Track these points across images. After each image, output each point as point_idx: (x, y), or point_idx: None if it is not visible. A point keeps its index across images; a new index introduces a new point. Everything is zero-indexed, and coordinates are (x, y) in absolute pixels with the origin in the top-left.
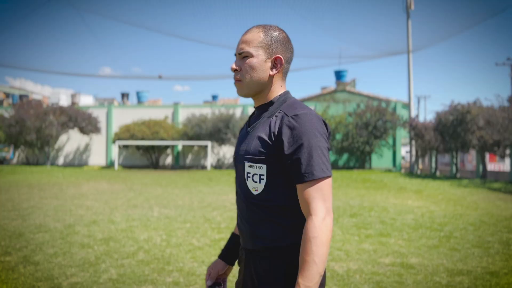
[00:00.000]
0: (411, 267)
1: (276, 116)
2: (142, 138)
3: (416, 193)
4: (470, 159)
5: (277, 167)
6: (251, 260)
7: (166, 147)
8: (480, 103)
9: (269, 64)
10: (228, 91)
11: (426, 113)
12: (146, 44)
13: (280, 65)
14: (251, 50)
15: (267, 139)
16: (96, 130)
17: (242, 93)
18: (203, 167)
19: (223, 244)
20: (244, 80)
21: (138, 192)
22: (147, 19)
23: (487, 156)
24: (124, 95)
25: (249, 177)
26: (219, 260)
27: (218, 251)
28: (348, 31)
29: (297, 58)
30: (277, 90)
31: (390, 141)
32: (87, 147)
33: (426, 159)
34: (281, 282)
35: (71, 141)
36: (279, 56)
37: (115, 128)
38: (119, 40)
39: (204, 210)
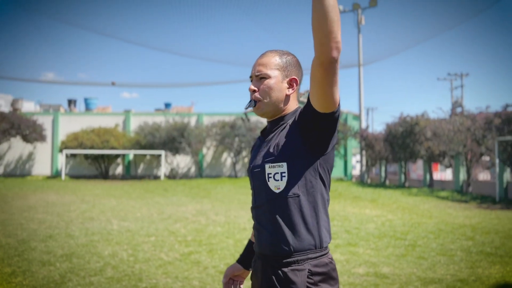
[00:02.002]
0: (385, 277)
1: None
2: (92, 147)
3: (371, 202)
4: (415, 169)
5: (297, 164)
6: (268, 267)
7: (117, 156)
8: (427, 115)
9: (285, 85)
10: (181, 99)
11: (373, 125)
12: (94, 49)
13: (296, 84)
14: (269, 72)
15: (285, 138)
16: (41, 138)
17: (261, 112)
18: (156, 177)
19: (194, 258)
20: (263, 100)
21: (91, 204)
22: (97, 22)
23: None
24: (71, 102)
25: (270, 177)
26: (236, 263)
27: (189, 266)
28: (300, 43)
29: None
30: (292, 107)
31: (342, 151)
32: (30, 156)
33: (373, 168)
34: (302, 284)
35: (12, 149)
36: (295, 77)
37: (61, 136)
38: (64, 43)
39: (166, 222)
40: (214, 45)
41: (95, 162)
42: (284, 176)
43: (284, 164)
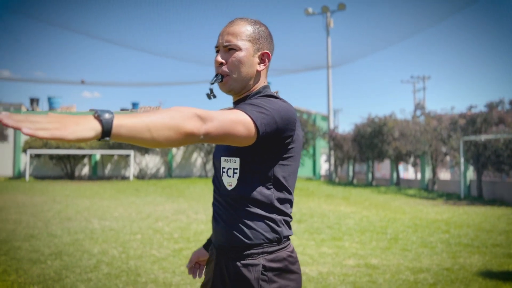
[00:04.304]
0: (375, 267)
1: None
2: (57, 147)
3: (344, 200)
4: (379, 168)
5: (251, 160)
6: (222, 259)
7: (83, 156)
8: (395, 116)
9: (257, 59)
10: (148, 99)
11: (340, 125)
12: (53, 45)
13: (267, 60)
14: (239, 43)
15: None
16: (2, 137)
17: (228, 88)
18: (124, 178)
19: (186, 253)
20: (231, 74)
21: (64, 204)
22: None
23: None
24: (34, 101)
25: (224, 172)
26: (202, 248)
27: (184, 261)
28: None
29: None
30: (259, 85)
31: (311, 150)
32: None
33: (339, 168)
34: (255, 281)
35: None
36: (267, 51)
37: (24, 136)
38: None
39: (147, 221)
40: (183, 44)
41: (61, 163)
42: (236, 173)
43: (237, 159)
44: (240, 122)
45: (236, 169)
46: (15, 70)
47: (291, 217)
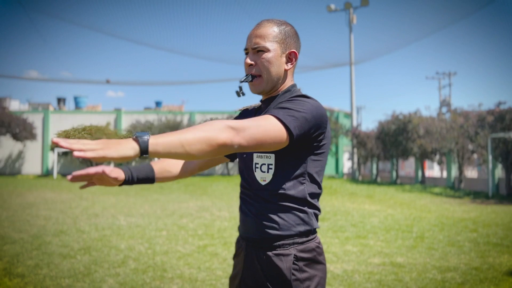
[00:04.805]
0: (401, 266)
1: None
2: None
3: (368, 198)
4: (403, 166)
5: (285, 156)
6: (253, 250)
7: None
8: (420, 113)
9: (284, 59)
10: (171, 98)
11: (363, 122)
12: (80, 45)
13: (295, 59)
14: (267, 44)
15: None
16: (32, 136)
17: (259, 89)
18: None
19: (211, 250)
20: (262, 75)
21: (91, 201)
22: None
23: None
24: (61, 100)
25: (257, 167)
26: (121, 170)
27: (209, 257)
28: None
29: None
30: (288, 84)
31: (334, 148)
32: (20, 155)
33: (362, 166)
34: (287, 270)
35: (2, 148)
36: (294, 50)
37: (52, 135)
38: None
39: (172, 218)
40: (206, 43)
41: (87, 161)
42: (271, 169)
43: (272, 156)
44: (272, 129)
45: (271, 165)
46: (43, 70)
47: (320, 211)
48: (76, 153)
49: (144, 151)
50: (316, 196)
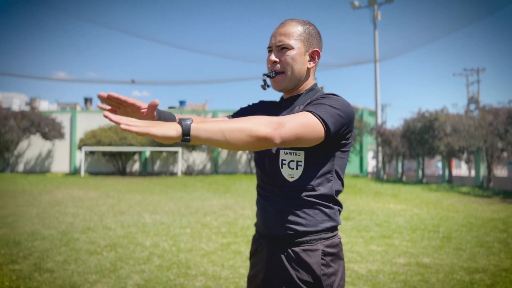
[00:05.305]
0: (428, 267)
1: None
2: (109, 144)
3: (394, 197)
4: (429, 165)
5: (315, 153)
6: (278, 247)
7: (134, 153)
8: (447, 110)
9: (307, 57)
10: (194, 97)
11: (388, 120)
12: (105, 46)
13: (317, 58)
14: (291, 42)
15: None
16: (60, 135)
17: (282, 86)
18: (172, 174)
19: (234, 248)
20: (286, 72)
21: (117, 199)
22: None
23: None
24: (87, 100)
25: (285, 164)
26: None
27: (232, 255)
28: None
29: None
30: (310, 82)
31: (358, 147)
32: (49, 154)
33: (387, 165)
34: (316, 265)
35: (32, 147)
36: (317, 49)
37: (79, 134)
38: (74, 41)
39: (196, 215)
40: (229, 42)
41: (113, 159)
42: (300, 165)
43: (302, 153)
44: (311, 124)
45: (301, 161)
46: (70, 71)
47: (342, 207)
48: (123, 126)
49: (186, 134)
50: (340, 192)
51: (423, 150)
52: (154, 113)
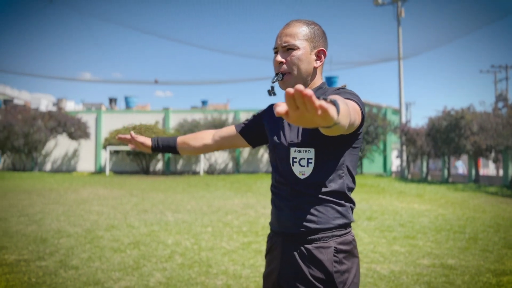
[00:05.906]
0: (453, 268)
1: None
2: None
3: (418, 197)
4: (453, 164)
5: (325, 150)
6: (291, 245)
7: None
8: (474, 108)
9: (313, 57)
10: (216, 97)
11: (412, 119)
12: (130, 48)
13: (324, 56)
14: (297, 42)
15: None
16: (86, 135)
17: (289, 86)
18: (195, 173)
19: (255, 247)
20: (292, 72)
21: (140, 198)
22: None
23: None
24: (112, 100)
25: (295, 162)
26: (149, 139)
27: (253, 254)
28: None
29: None
30: (317, 81)
31: (381, 146)
32: (75, 153)
33: (412, 164)
34: (329, 262)
35: (59, 146)
36: (323, 48)
37: (104, 133)
38: (99, 43)
39: (217, 214)
40: (250, 41)
41: (137, 159)
42: (311, 163)
43: (312, 150)
44: (357, 110)
45: (311, 159)
46: (95, 72)
47: (355, 204)
48: (313, 98)
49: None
50: (352, 189)
51: (449, 149)
52: (148, 142)
